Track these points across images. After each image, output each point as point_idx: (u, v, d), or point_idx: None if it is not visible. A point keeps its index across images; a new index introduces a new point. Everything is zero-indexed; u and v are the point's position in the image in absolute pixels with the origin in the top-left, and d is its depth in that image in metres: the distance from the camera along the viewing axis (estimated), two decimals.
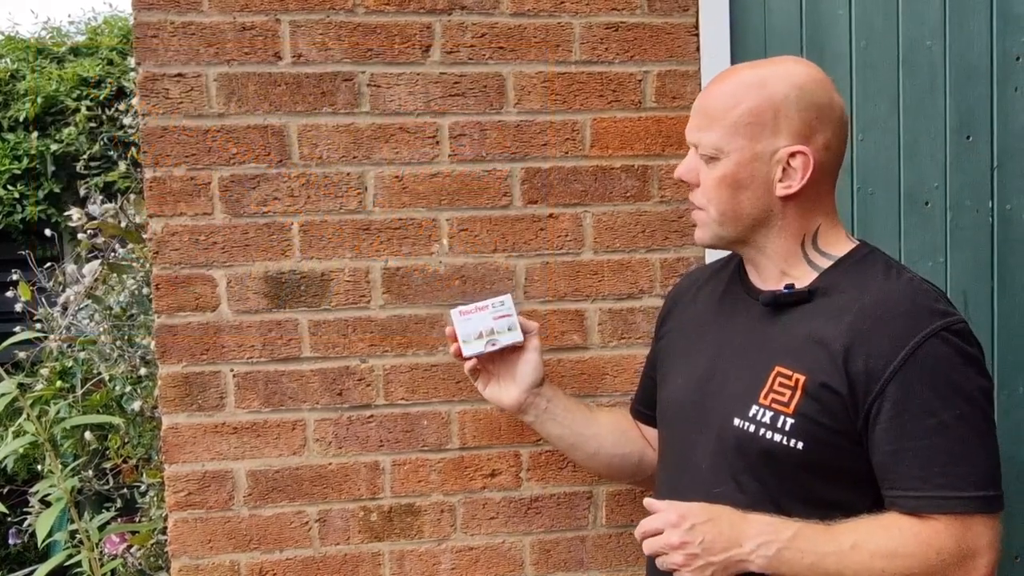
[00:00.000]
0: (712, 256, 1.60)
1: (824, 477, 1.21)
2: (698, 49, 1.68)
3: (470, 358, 1.46)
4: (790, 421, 1.20)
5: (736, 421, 1.24)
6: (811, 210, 1.27)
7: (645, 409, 1.53)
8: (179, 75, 1.56)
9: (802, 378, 1.20)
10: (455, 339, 1.45)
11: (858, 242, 1.31)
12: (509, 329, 1.44)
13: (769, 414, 1.21)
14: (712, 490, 1.24)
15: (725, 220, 1.27)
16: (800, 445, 1.19)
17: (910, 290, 1.23)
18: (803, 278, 1.28)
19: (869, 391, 1.17)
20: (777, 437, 1.20)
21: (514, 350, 1.46)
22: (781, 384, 1.22)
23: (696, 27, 1.68)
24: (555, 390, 1.51)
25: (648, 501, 1.25)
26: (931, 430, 1.16)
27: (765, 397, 1.22)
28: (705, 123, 1.26)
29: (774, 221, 1.27)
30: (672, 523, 1.19)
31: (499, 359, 1.47)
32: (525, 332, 1.46)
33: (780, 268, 1.29)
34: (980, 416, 1.18)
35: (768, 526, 1.18)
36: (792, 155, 1.23)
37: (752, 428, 1.22)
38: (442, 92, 1.62)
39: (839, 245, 1.29)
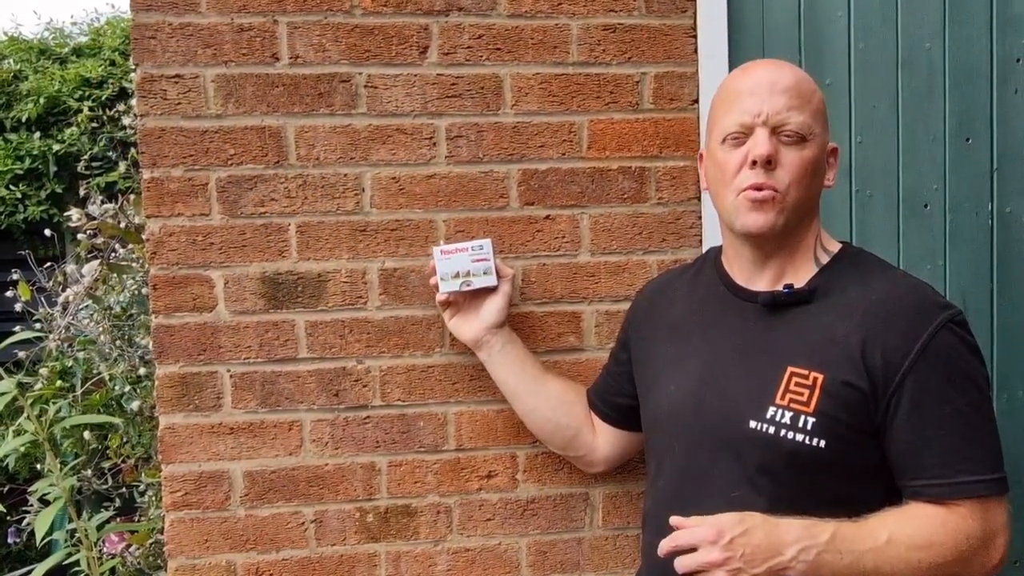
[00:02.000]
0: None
1: (839, 474, 1.22)
2: (696, 51, 1.68)
3: (445, 295, 1.54)
4: (812, 420, 1.20)
5: (752, 423, 1.23)
6: (819, 207, 1.33)
7: (598, 401, 1.57)
8: (177, 76, 1.56)
9: (820, 377, 1.21)
10: (434, 273, 1.53)
11: (840, 242, 1.36)
12: (485, 273, 1.52)
13: (789, 414, 1.21)
14: (730, 494, 1.23)
15: (799, 205, 1.27)
16: (823, 443, 1.20)
17: (913, 285, 1.27)
18: (803, 276, 1.30)
19: (888, 383, 1.20)
20: (799, 437, 1.20)
21: (486, 291, 1.53)
22: (798, 384, 1.22)
23: (694, 29, 1.68)
24: (514, 339, 1.57)
25: (677, 519, 1.19)
26: (949, 418, 1.19)
27: (782, 398, 1.22)
28: (797, 103, 1.25)
29: (814, 213, 1.32)
30: (710, 539, 1.14)
31: (470, 296, 1.54)
32: (500, 276, 1.53)
33: (790, 264, 1.31)
34: (987, 402, 1.23)
35: (804, 530, 1.16)
36: (832, 150, 1.33)
37: (772, 430, 1.21)
38: (439, 93, 1.62)
39: (831, 243, 1.35)
